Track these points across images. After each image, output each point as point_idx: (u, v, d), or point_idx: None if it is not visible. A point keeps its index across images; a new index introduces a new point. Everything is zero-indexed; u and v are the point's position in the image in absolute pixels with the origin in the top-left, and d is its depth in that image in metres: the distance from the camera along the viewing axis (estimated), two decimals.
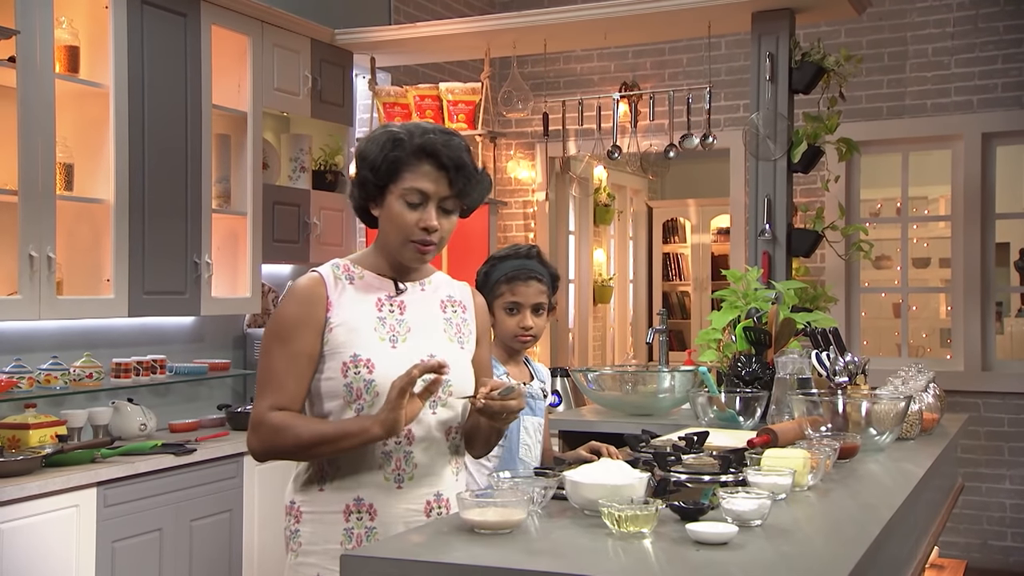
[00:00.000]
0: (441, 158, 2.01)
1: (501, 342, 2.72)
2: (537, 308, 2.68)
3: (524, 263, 2.68)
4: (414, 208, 2.03)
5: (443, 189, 2.03)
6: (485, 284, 2.69)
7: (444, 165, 2.02)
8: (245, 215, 4.35)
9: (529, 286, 2.66)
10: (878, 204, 6.96)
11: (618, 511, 1.71)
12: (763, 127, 4.29)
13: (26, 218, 3.39)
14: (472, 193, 2.07)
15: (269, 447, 2.03)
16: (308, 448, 2.00)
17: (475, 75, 5.74)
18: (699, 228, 9.00)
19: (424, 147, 2.02)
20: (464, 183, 2.04)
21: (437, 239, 2.06)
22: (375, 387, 2.01)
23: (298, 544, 2.07)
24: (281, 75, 4.53)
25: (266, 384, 2.04)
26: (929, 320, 7.66)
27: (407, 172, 2.02)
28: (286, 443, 2.01)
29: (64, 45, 3.65)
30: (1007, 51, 5.59)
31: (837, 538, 1.84)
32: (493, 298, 2.67)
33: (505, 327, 2.67)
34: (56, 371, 3.62)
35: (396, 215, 2.04)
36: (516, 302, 2.66)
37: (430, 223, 2.03)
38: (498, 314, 2.67)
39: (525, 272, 2.67)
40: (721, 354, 3.59)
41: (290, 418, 2.02)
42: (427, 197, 2.03)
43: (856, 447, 2.50)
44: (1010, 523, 5.60)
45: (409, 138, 2.03)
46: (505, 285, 2.66)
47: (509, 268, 2.67)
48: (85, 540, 3.25)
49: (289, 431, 2.00)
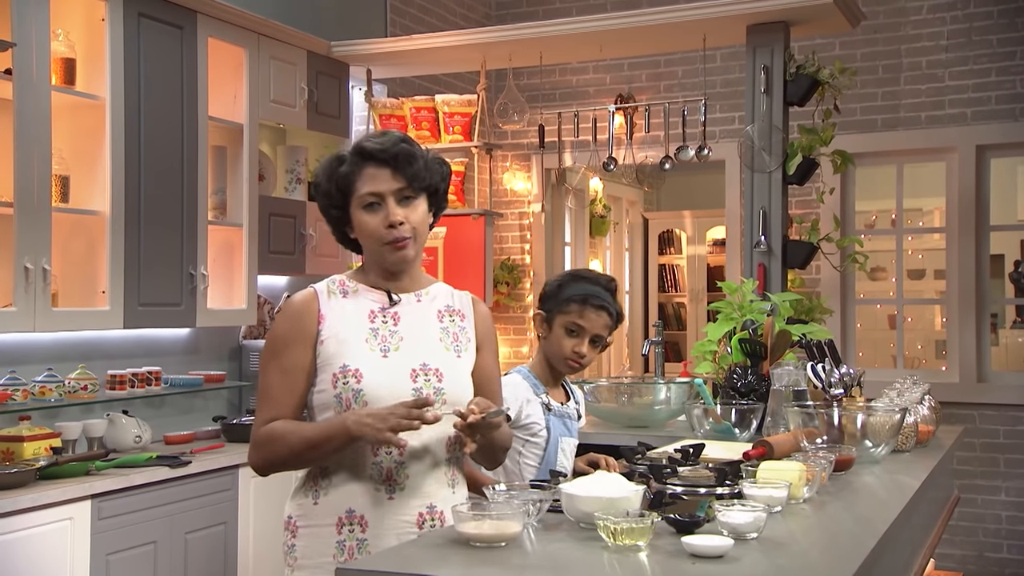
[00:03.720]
0: (377, 155, 2.06)
1: (547, 360, 2.69)
2: (596, 339, 2.66)
3: (601, 292, 2.66)
4: (374, 210, 2.06)
5: (393, 182, 2.06)
6: (555, 295, 2.66)
7: (383, 160, 2.06)
8: (241, 227, 4.35)
9: (600, 315, 2.64)
10: (873, 216, 6.98)
11: (614, 524, 1.71)
12: (758, 139, 4.30)
13: (21, 230, 3.38)
14: (424, 176, 2.09)
15: (267, 459, 2.06)
16: (300, 454, 2.02)
17: (471, 87, 5.75)
18: (695, 239, 9.01)
19: (359, 152, 2.08)
20: (408, 169, 2.07)
21: (408, 231, 2.07)
22: (363, 396, 2.01)
23: (294, 559, 2.08)
24: (277, 87, 4.54)
25: (263, 400, 2.08)
26: (924, 332, 7.67)
27: (356, 182, 2.07)
28: (280, 452, 2.03)
29: (60, 57, 3.66)
30: (1001, 64, 5.61)
31: (833, 551, 1.84)
32: (558, 312, 2.64)
33: (560, 345, 2.64)
34: (51, 383, 3.61)
35: (363, 225, 2.07)
36: (581, 326, 2.63)
37: (393, 218, 2.05)
38: (557, 330, 2.65)
39: (599, 300, 2.64)
40: (717, 366, 3.60)
41: (280, 426, 2.03)
42: (381, 196, 2.06)
43: (852, 459, 2.50)
44: (1006, 535, 5.60)
45: (349, 151, 2.10)
46: (576, 305, 2.63)
47: (587, 290, 2.65)
48: (79, 553, 3.24)
49: (281, 440, 2.02)
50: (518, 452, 2.59)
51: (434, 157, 2.14)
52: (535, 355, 2.75)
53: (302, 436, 2.01)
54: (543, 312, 2.69)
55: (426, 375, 2.07)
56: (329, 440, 1.98)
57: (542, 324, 2.69)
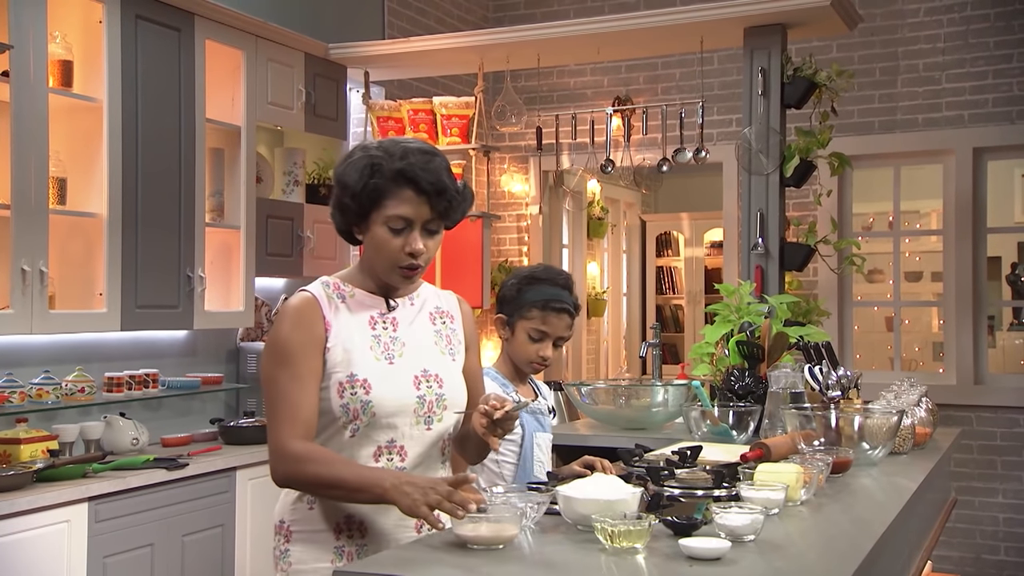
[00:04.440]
0: (421, 184, 1.97)
1: (511, 361, 2.69)
2: (559, 340, 2.66)
3: (560, 293, 2.64)
4: (398, 234, 2.00)
5: (425, 213, 1.99)
6: (515, 299, 2.64)
7: (425, 190, 1.98)
8: (238, 229, 4.34)
9: (561, 319, 2.63)
10: (870, 218, 6.98)
11: (611, 526, 1.70)
12: (755, 141, 4.30)
13: (19, 232, 3.38)
14: (455, 214, 2.04)
15: (291, 476, 1.98)
16: (326, 488, 1.95)
17: (469, 89, 5.76)
18: (692, 242, 9.01)
19: (404, 172, 1.97)
20: (446, 205, 2.01)
21: (423, 261, 2.04)
22: (371, 408, 1.99)
23: (288, 564, 2.05)
24: (275, 89, 4.54)
25: (279, 412, 1.98)
26: (921, 334, 7.67)
27: (388, 200, 1.98)
28: (307, 476, 1.95)
29: (58, 59, 3.65)
30: (997, 66, 5.62)
31: (830, 553, 1.84)
32: (519, 318, 2.63)
33: (524, 351, 2.64)
34: (48, 385, 3.61)
35: (381, 242, 2.01)
36: (544, 332, 2.62)
37: (415, 247, 2.00)
38: (520, 335, 2.64)
39: (560, 303, 2.62)
40: (714, 368, 3.59)
41: (316, 452, 1.96)
42: (410, 222, 1.99)
43: (849, 461, 2.50)
44: (1003, 537, 5.60)
45: (388, 162, 1.98)
46: (538, 311, 2.61)
47: (546, 295, 2.62)
48: (76, 556, 3.23)
49: (311, 465, 1.94)
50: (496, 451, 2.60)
51: (466, 188, 2.07)
52: (499, 355, 2.75)
53: (336, 473, 1.93)
54: (503, 316, 2.67)
55: (428, 381, 2.06)
56: (362, 491, 1.92)
57: (504, 327, 2.68)
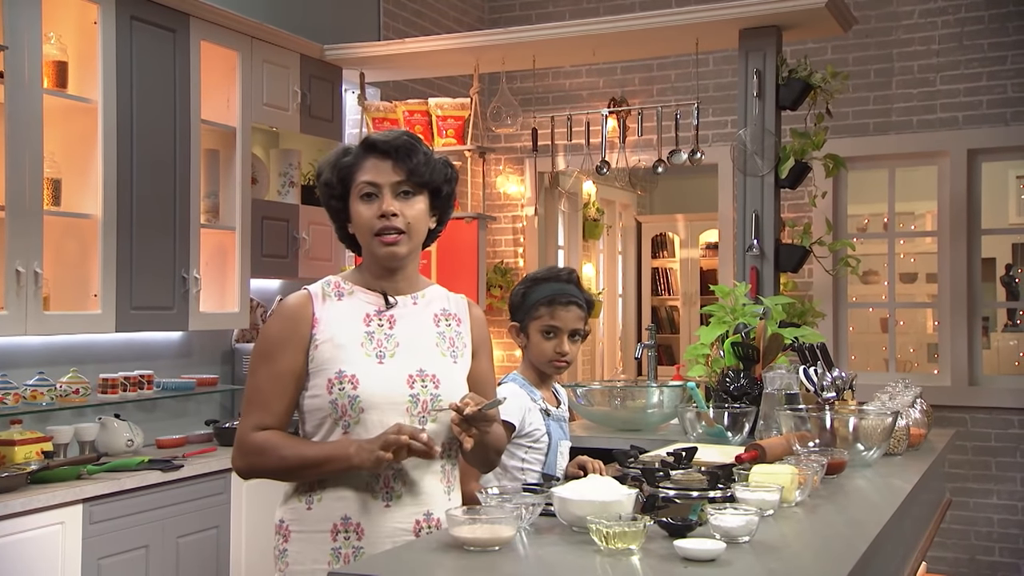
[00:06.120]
0: (380, 146, 2.06)
1: (533, 365, 2.70)
2: (574, 334, 2.67)
3: (564, 287, 2.66)
4: (369, 200, 2.05)
5: (392, 175, 2.05)
6: (522, 304, 2.67)
7: (386, 151, 2.05)
8: (234, 230, 4.34)
9: (569, 311, 2.64)
10: (865, 220, 6.99)
11: (606, 528, 1.71)
12: (751, 143, 4.31)
13: (13, 233, 3.37)
14: (424, 171, 2.06)
15: (253, 467, 2.05)
16: (292, 470, 2.01)
17: (464, 91, 5.76)
18: (688, 243, 9.02)
19: (365, 144, 2.09)
20: (408, 162, 2.05)
21: (401, 224, 2.04)
22: (359, 403, 2.00)
23: (285, 564, 2.06)
24: (270, 90, 4.53)
25: (251, 403, 2.05)
26: (916, 335, 7.68)
27: (356, 172, 2.07)
28: (270, 464, 2.01)
29: (52, 60, 3.65)
30: (992, 68, 5.63)
31: (825, 554, 1.84)
32: (530, 320, 2.65)
33: (541, 350, 2.65)
34: (42, 387, 3.60)
35: (357, 214, 2.07)
36: (555, 326, 2.64)
37: (386, 208, 2.03)
38: (534, 336, 2.66)
39: (565, 296, 2.64)
40: (709, 369, 3.60)
41: (274, 438, 2.02)
42: (378, 187, 2.05)
43: (844, 463, 2.50)
44: (998, 538, 5.61)
45: (355, 146, 2.10)
46: (545, 308, 2.63)
47: (549, 291, 2.65)
48: (71, 557, 3.23)
49: (273, 452, 2.00)
50: (521, 459, 2.61)
51: (441, 158, 2.13)
52: (521, 362, 2.76)
53: (299, 453, 1.99)
54: (516, 324, 2.70)
55: (423, 381, 2.05)
56: (328, 462, 1.97)
57: (519, 335, 2.70)
